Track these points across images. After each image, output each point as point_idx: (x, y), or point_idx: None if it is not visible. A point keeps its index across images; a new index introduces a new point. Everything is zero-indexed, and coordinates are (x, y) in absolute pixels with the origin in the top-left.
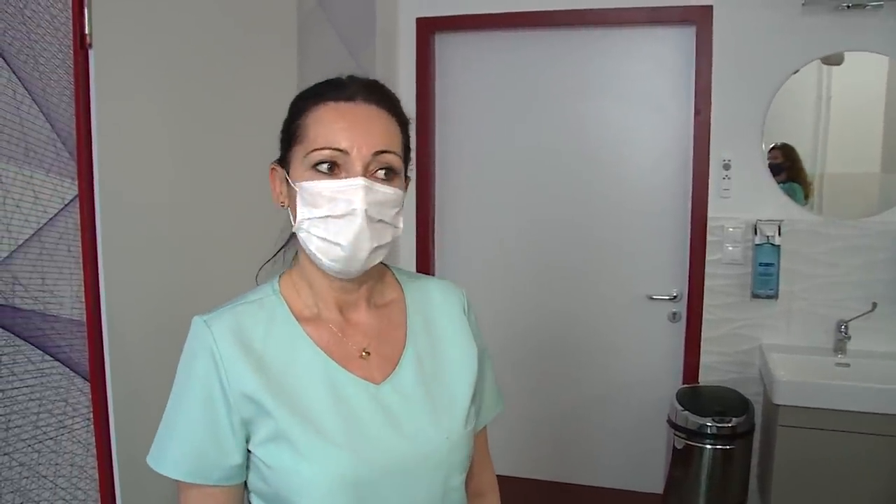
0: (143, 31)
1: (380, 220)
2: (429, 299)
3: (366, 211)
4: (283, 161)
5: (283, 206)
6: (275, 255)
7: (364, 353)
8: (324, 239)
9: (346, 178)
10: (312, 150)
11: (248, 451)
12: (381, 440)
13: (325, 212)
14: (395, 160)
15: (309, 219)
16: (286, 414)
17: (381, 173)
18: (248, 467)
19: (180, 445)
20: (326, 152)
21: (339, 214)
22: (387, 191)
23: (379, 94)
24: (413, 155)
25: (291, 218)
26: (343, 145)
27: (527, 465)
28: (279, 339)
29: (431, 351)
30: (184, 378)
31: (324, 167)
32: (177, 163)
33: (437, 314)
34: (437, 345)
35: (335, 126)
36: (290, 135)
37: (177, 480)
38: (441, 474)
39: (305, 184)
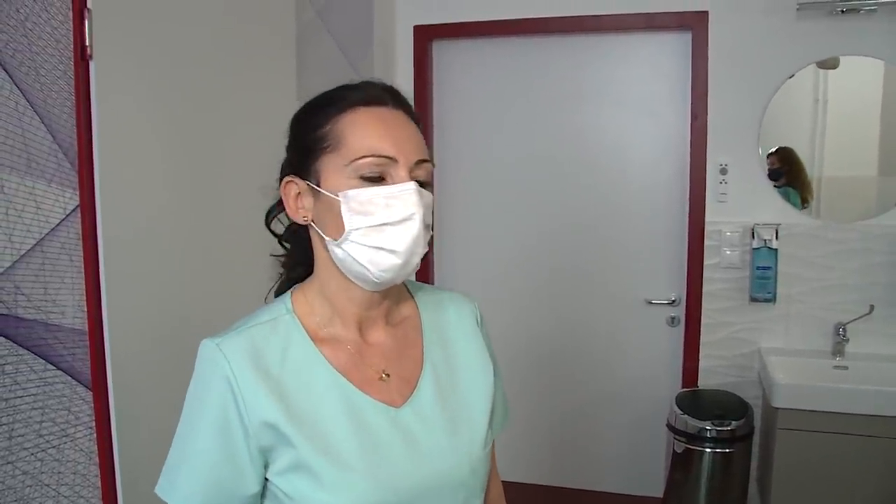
0: (142, 42)
1: (427, 225)
2: (444, 315)
3: (422, 215)
4: (306, 173)
5: (305, 220)
6: (284, 274)
7: (384, 376)
8: (378, 248)
9: (392, 184)
10: (358, 159)
11: (265, 480)
12: (403, 466)
13: (380, 219)
14: (431, 168)
15: (358, 228)
16: (306, 442)
17: (421, 177)
18: (262, 496)
19: (194, 476)
20: (374, 159)
21: (396, 221)
22: (428, 195)
23: (401, 99)
24: None
25: (319, 232)
26: (390, 152)
27: (527, 470)
28: (296, 362)
29: (448, 370)
30: (195, 405)
31: (372, 175)
32: (177, 173)
33: (452, 330)
34: (453, 363)
35: (377, 132)
36: (314, 144)
37: None
38: (462, 497)
39: (353, 192)
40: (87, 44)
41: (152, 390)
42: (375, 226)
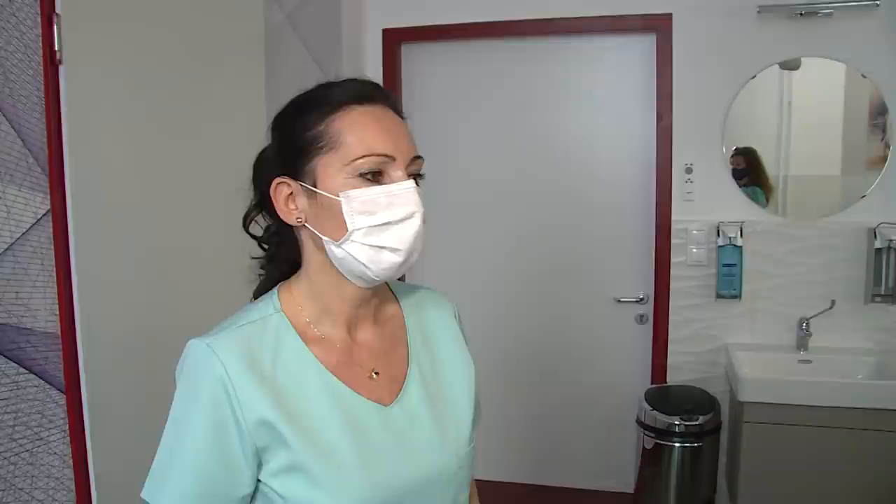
0: (112, 47)
1: (425, 222)
2: (425, 314)
3: (422, 213)
4: (299, 174)
5: (299, 221)
6: (265, 274)
7: (374, 374)
8: (380, 248)
9: (390, 182)
10: (358, 158)
11: (258, 481)
12: (395, 463)
13: (382, 218)
14: (422, 163)
15: (360, 228)
16: (300, 442)
17: (415, 172)
18: (252, 496)
19: (185, 478)
20: (374, 158)
21: (398, 219)
22: (420, 192)
23: (390, 97)
24: None
25: (315, 232)
26: (388, 151)
27: (499, 468)
28: (288, 362)
29: (432, 368)
30: (185, 407)
31: (371, 173)
32: (148, 176)
33: (434, 329)
34: (437, 361)
35: (374, 131)
36: (308, 145)
37: None
38: (451, 492)
39: (355, 192)
40: (57, 48)
41: (126, 392)
42: (378, 225)
